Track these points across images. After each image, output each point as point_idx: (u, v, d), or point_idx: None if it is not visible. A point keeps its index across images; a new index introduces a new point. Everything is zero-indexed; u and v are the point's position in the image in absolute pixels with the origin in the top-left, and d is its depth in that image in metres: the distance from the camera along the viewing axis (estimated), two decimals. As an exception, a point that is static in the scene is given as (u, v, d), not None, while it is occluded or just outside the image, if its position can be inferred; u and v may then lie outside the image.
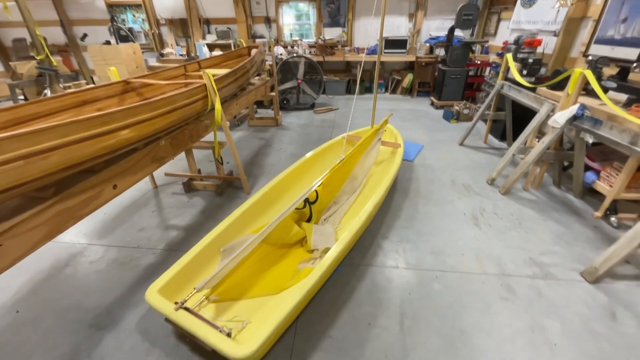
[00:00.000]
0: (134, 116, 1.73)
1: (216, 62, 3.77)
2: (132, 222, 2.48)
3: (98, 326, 1.63)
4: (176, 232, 2.36)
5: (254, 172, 3.28)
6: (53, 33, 6.94)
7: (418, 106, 5.68)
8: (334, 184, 2.55)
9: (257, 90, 4.08)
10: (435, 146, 3.88)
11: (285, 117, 5.13)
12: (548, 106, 2.62)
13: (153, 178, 2.99)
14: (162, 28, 6.92)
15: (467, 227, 2.38)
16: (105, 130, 1.60)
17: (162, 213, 2.60)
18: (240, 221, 2.05)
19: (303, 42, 6.42)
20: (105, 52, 4.41)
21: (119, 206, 2.71)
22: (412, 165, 3.40)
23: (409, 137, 4.16)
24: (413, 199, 2.77)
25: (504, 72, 3.52)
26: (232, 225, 1.98)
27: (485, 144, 3.97)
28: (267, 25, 6.64)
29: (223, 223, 1.95)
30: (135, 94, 2.65)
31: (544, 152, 2.56)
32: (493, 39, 5.76)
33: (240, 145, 4.01)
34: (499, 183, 2.98)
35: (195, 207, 2.68)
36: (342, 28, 6.49)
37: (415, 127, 4.59)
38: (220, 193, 2.87)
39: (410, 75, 6.28)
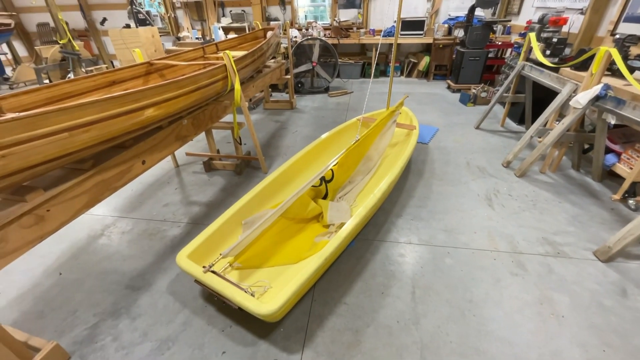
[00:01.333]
0: (160, 94, 1.82)
1: (233, 45, 3.81)
2: (157, 198, 2.63)
3: (133, 287, 1.79)
4: (198, 208, 2.49)
5: (270, 153, 3.37)
6: (73, 18, 7.09)
7: (434, 89, 5.58)
8: (350, 164, 2.61)
9: (272, 73, 4.12)
10: (450, 129, 3.86)
11: (300, 101, 5.17)
12: (570, 86, 2.57)
13: (175, 157, 3.12)
14: (177, 12, 6.97)
15: (480, 207, 2.41)
16: (136, 107, 1.70)
17: (184, 190, 2.74)
18: (260, 197, 2.15)
19: (318, 25, 6.34)
20: (125, 35, 4.52)
21: (144, 184, 2.86)
22: (427, 147, 3.41)
23: (424, 120, 4.13)
24: (427, 180, 2.80)
25: (525, 53, 3.43)
26: (252, 200, 2.09)
27: (502, 127, 3.91)
28: (282, 8, 6.58)
29: (244, 198, 2.06)
30: (158, 75, 2.75)
31: (563, 133, 2.53)
32: (516, 18, 5.53)
33: (256, 127, 4.09)
34: (514, 166, 2.96)
35: (215, 185, 2.81)
36: (358, 9, 6.35)
37: (431, 110, 4.54)
38: (239, 172, 2.98)
39: (427, 58, 6.14)
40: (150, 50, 4.73)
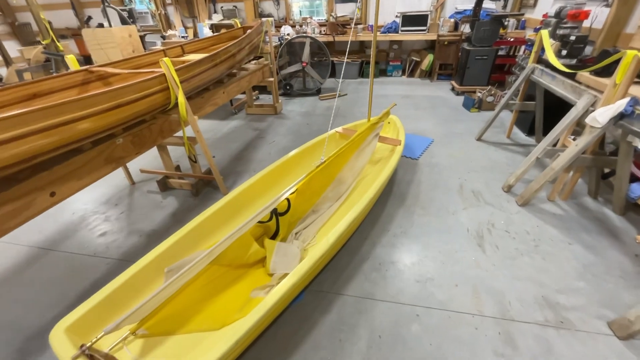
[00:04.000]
0: (58, 115, 1.48)
1: (203, 46, 3.46)
2: (96, 225, 2.32)
3: (25, 351, 1.48)
4: (138, 239, 2.17)
5: (237, 169, 3.02)
6: (67, 16, 6.91)
7: (437, 92, 5.07)
8: (314, 190, 2.22)
9: (251, 76, 3.76)
10: (447, 140, 3.38)
11: (287, 104, 4.78)
12: (587, 99, 2.07)
13: (129, 174, 2.81)
14: (168, 8, 6.67)
15: (468, 248, 1.98)
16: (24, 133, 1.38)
17: (130, 215, 2.43)
18: (195, 233, 1.80)
19: (313, 21, 5.91)
20: (99, 35, 4.23)
21: (89, 204, 2.57)
22: (416, 164, 2.97)
23: (419, 129, 3.67)
24: (409, 208, 2.38)
25: (537, 53, 2.91)
26: (186, 237, 1.73)
27: (508, 139, 3.40)
28: (275, 3, 6.17)
29: (174, 236, 1.71)
30: (102, 84, 2.43)
31: (577, 157, 2.05)
32: (532, 11, 4.92)
33: (231, 136, 3.74)
34: (517, 190, 2.49)
35: (166, 209, 2.48)
36: (356, 4, 5.86)
37: (428, 116, 4.06)
38: (196, 193, 2.64)
39: (431, 56, 5.60)
40: (128, 50, 4.43)
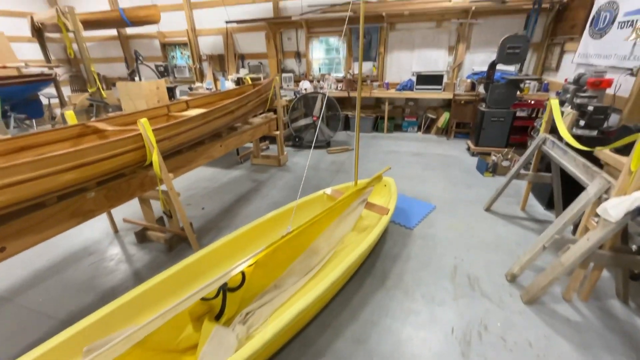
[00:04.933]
0: (20, 173, 1.51)
1: (210, 101, 3.64)
2: (59, 278, 2.27)
3: None
4: (91, 299, 2.06)
5: (221, 224, 2.92)
6: (121, 68, 7.91)
7: (451, 151, 4.83)
8: (278, 262, 2.02)
9: (255, 129, 3.84)
10: (451, 208, 3.07)
11: (294, 156, 4.79)
12: (600, 184, 1.75)
13: (113, 222, 2.83)
14: (203, 63, 7.38)
15: (448, 357, 1.60)
16: None
17: (98, 267, 2.37)
18: (137, 303, 1.65)
19: (331, 77, 6.16)
20: (130, 87, 4.70)
21: (66, 251, 2.57)
22: (409, 234, 2.67)
23: (423, 193, 3.40)
24: (389, 290, 2.06)
25: (548, 123, 2.65)
26: (121, 308, 1.59)
27: (522, 211, 3.01)
28: (297, 60, 6.58)
29: (107, 307, 1.56)
30: (97, 137, 2.56)
31: (591, 252, 1.68)
32: (555, 74, 4.72)
33: (229, 187, 3.74)
34: (523, 281, 2.09)
35: (135, 264, 2.39)
36: (373, 62, 6.07)
37: (437, 178, 3.79)
38: (171, 248, 2.54)
39: (447, 114, 5.47)
40: (153, 101, 4.84)
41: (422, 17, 5.45)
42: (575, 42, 4.14)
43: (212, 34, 6.94)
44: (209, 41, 7.07)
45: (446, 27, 5.44)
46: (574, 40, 4.21)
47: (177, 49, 7.56)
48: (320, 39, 6.32)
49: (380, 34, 5.77)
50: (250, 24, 6.39)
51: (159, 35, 7.32)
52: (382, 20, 5.53)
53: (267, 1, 6.29)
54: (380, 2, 5.56)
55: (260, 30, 6.49)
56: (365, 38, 5.93)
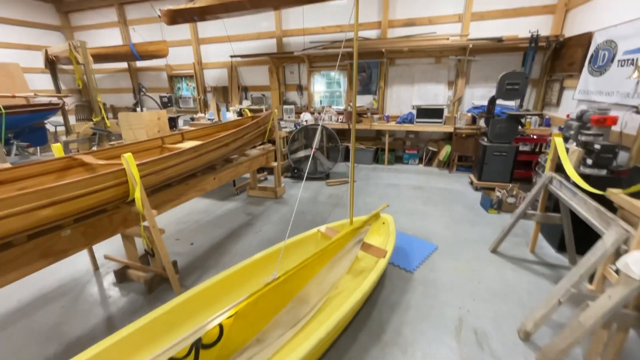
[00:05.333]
0: None
1: (206, 133, 3.61)
2: (30, 321, 2.09)
3: None
4: (54, 350, 1.86)
5: (207, 263, 2.74)
6: (130, 98, 8.13)
7: (453, 184, 4.69)
8: (261, 313, 1.82)
9: (252, 161, 3.77)
10: (455, 249, 2.87)
11: (292, 188, 4.68)
12: (617, 233, 1.59)
13: (94, 259, 2.67)
14: (208, 94, 7.56)
15: None
16: None
17: (69, 312, 2.18)
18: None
19: (331, 109, 6.22)
20: (130, 118, 4.73)
21: (41, 290, 2.39)
22: (410, 279, 2.47)
23: (424, 230, 3.22)
24: (384, 347, 1.83)
25: (553, 161, 2.53)
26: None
27: (532, 254, 2.80)
28: (299, 93, 6.70)
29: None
30: (84, 170, 2.48)
31: (614, 312, 1.47)
32: (556, 109, 4.69)
33: (221, 220, 3.59)
34: (539, 339, 1.85)
35: (108, 308, 2.20)
36: (373, 96, 6.14)
37: (439, 214, 3.62)
38: (150, 290, 2.36)
39: (448, 147, 5.41)
40: (153, 131, 4.85)
41: (421, 53, 5.58)
42: (574, 78, 4.14)
43: (218, 67, 7.18)
44: (214, 74, 7.29)
45: (445, 63, 5.55)
46: (573, 77, 4.22)
47: (183, 81, 7.79)
48: (321, 73, 6.48)
49: (380, 69, 5.89)
50: (254, 58, 6.60)
51: (167, 67, 7.58)
52: (382, 56, 5.66)
53: (271, 37, 6.54)
54: (379, 39, 5.74)
55: (264, 64, 6.69)
56: (365, 72, 6.06)
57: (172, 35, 7.19)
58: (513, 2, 4.90)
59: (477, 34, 5.13)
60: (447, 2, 5.27)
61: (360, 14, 5.76)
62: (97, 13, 7.84)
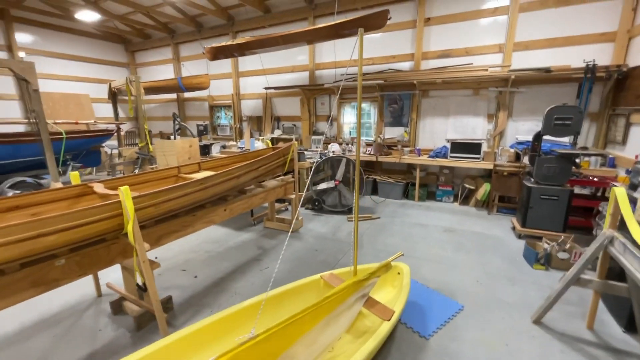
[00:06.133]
0: None
1: (224, 163, 3.62)
2: (23, 346, 2.08)
3: None
4: (28, 386, 1.79)
5: (204, 300, 2.60)
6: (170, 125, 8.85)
7: (492, 229, 4.12)
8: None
9: (268, 193, 3.69)
10: (486, 312, 2.39)
11: (311, 221, 4.48)
12: None
13: (98, 284, 2.68)
14: (244, 123, 7.91)
15: None
16: None
17: (60, 342, 2.14)
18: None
19: (360, 141, 6.05)
20: (164, 145, 5.03)
21: (41, 314, 2.42)
22: (423, 347, 2.06)
23: (449, 284, 2.78)
24: None
25: (614, 217, 2.03)
26: None
27: (589, 331, 2.21)
28: (329, 123, 6.68)
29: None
30: (98, 197, 2.56)
31: None
32: (622, 148, 4.00)
33: (230, 253, 3.49)
34: None
35: (95, 343, 2.12)
36: (405, 128, 5.88)
37: (470, 265, 3.13)
38: (139, 327, 2.26)
39: (487, 185, 4.86)
40: (184, 157, 5.09)
41: (457, 85, 5.27)
42: (644, 113, 3.52)
43: (254, 97, 7.53)
44: (250, 104, 7.65)
45: (484, 94, 5.15)
46: (641, 111, 3.59)
47: (222, 110, 8.29)
48: (351, 105, 6.42)
49: (412, 100, 5.67)
50: (287, 90, 6.80)
51: (209, 98, 8.15)
52: (414, 88, 5.46)
53: (304, 70, 6.73)
54: (412, 71, 5.57)
55: (296, 96, 6.85)
56: (397, 104, 5.87)
57: (216, 70, 7.78)
58: (563, 31, 4.46)
59: (520, 64, 4.72)
60: (486, 33, 4.98)
61: (393, 46, 5.70)
62: (157, 52, 8.85)
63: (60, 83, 7.89)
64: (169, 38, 8.32)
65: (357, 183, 2.15)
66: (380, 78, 5.58)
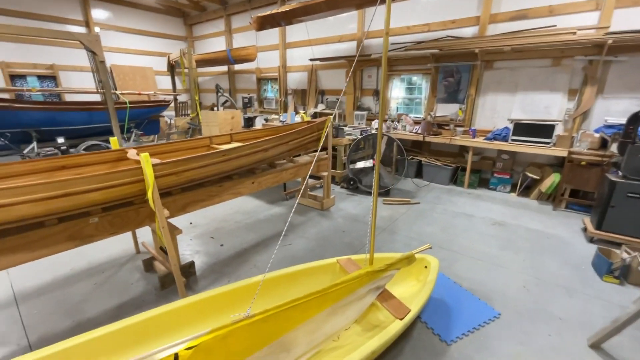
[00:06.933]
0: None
1: (255, 136, 3.58)
2: (65, 292, 2.37)
3: None
4: (65, 326, 2.03)
5: (224, 270, 2.66)
6: (224, 98, 9.18)
7: (556, 227, 3.49)
8: (230, 350, 1.56)
9: (299, 168, 3.60)
10: (529, 324, 2.03)
11: (344, 201, 4.31)
12: None
13: (136, 242, 2.91)
14: (289, 97, 7.83)
15: None
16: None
17: (98, 290, 2.39)
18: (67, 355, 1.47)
19: (408, 118, 5.56)
20: (208, 115, 5.21)
21: (90, 262, 2.73)
22: (442, 353, 1.82)
23: (487, 286, 2.42)
24: None
25: None
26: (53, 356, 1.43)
27: (670, 370, 1.73)
28: (375, 98, 6.24)
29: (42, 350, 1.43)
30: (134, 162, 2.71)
31: None
32: None
33: (259, 226, 3.52)
34: None
35: (126, 294, 2.32)
36: (460, 105, 5.19)
37: (517, 267, 2.70)
38: (163, 286, 2.40)
39: (556, 175, 4.10)
40: (226, 129, 5.23)
41: (533, 53, 4.39)
42: None
43: (299, 70, 7.33)
44: (295, 77, 7.49)
45: (567, 65, 4.23)
46: None
47: (269, 83, 8.28)
48: (401, 77, 5.86)
49: (472, 73, 4.93)
50: (333, 62, 6.46)
51: (257, 71, 8.19)
52: (475, 58, 4.71)
53: (352, 40, 6.28)
54: (475, 37, 4.79)
55: (342, 68, 6.48)
56: (453, 77, 5.18)
57: (264, 41, 7.71)
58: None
59: (622, 25, 3.71)
60: (580, -15, 3.98)
61: (453, 9, 4.95)
62: (211, 24, 9.06)
63: (128, 57, 8.61)
64: (222, 9, 8.41)
65: (379, 155, 1.90)
66: (436, 47, 4.92)
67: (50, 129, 5.35)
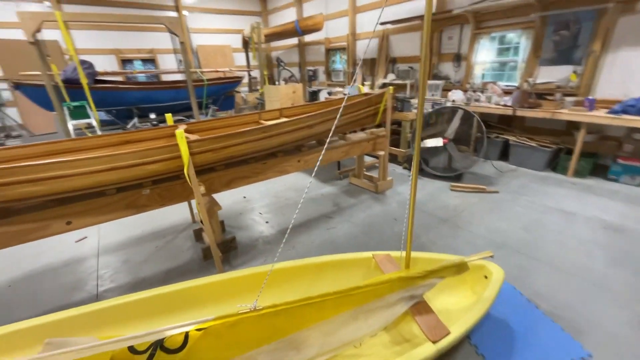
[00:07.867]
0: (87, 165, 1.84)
1: (304, 111, 3.38)
2: (131, 251, 2.71)
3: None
4: (130, 279, 2.32)
5: (262, 248, 2.66)
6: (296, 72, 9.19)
7: None
8: (240, 337, 1.51)
9: (351, 147, 3.32)
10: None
11: (403, 184, 3.86)
12: None
13: (192, 212, 3.14)
14: (357, 67, 7.32)
15: None
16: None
17: (156, 253, 2.66)
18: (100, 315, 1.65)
19: (496, 87, 4.56)
20: (271, 90, 5.21)
21: (156, 228, 3.07)
22: (492, 391, 1.43)
23: (574, 312, 1.82)
24: None
25: None
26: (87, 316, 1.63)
27: None
28: (455, 64, 5.29)
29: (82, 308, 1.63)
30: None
31: None
32: None
33: (307, 205, 3.41)
34: None
35: (179, 259, 2.54)
36: (575, 67, 3.96)
37: (628, 291, 1.96)
38: (205, 257, 2.53)
39: None
40: (287, 103, 5.18)
41: None
42: None
43: (369, 37, 6.70)
44: (365, 45, 6.89)
45: None
46: None
47: (337, 54, 7.86)
48: (492, 36, 4.76)
49: (597, 23, 3.63)
50: (407, 24, 5.65)
51: (325, 41, 7.83)
52: (605, 0, 3.43)
53: (431, -5, 5.31)
54: (609, -31, 3.46)
55: (417, 30, 5.63)
56: (568, 29, 3.93)
57: (334, 8, 7.24)
58: None
59: None
60: None
61: None
62: (283, -5, 8.93)
63: (211, 37, 9.23)
64: (293, -22, 8.15)
65: (419, 131, 1.48)
66: (545, -11, 3.76)
67: (146, 106, 6.19)
